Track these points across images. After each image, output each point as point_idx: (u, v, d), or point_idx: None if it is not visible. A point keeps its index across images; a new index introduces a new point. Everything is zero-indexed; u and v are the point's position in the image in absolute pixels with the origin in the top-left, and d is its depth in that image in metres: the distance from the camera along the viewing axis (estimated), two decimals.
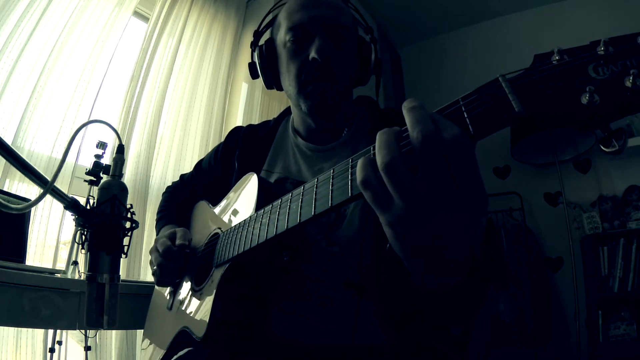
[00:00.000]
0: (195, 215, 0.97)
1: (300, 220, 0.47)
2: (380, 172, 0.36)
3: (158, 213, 1.03)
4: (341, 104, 0.80)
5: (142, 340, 0.96)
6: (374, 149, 0.39)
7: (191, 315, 0.73)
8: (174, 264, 0.79)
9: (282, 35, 0.79)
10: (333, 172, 0.45)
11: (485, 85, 0.36)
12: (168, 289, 0.92)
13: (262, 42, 0.85)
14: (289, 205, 0.50)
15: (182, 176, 1.09)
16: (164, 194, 1.08)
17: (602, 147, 0.36)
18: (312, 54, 0.72)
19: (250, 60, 0.88)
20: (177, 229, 0.84)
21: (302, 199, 0.48)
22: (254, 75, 0.87)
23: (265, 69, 0.83)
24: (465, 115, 0.36)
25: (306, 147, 0.83)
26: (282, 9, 0.82)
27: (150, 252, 0.84)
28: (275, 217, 0.53)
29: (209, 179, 0.98)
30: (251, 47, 0.87)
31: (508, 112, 0.34)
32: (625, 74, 0.32)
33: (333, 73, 0.74)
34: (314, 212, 0.45)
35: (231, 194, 0.80)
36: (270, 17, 0.88)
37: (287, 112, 0.95)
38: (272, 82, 0.84)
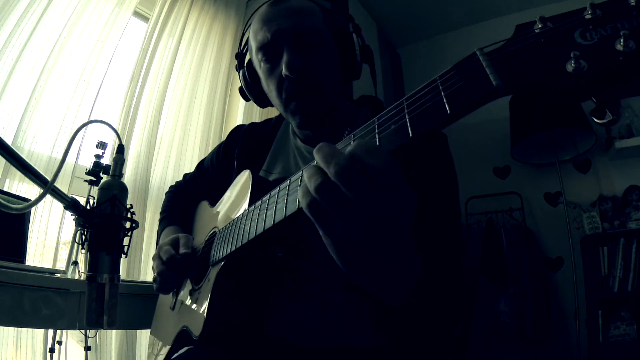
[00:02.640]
0: (197, 216, 0.97)
1: (285, 214, 0.46)
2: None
3: (161, 213, 1.03)
4: (333, 109, 0.78)
5: (150, 339, 0.96)
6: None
7: (190, 314, 0.73)
8: (176, 272, 0.79)
9: (254, 57, 0.78)
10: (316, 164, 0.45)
11: (463, 60, 0.34)
12: None
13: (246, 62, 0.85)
14: (276, 200, 0.50)
15: (185, 175, 1.09)
16: (167, 193, 1.08)
17: (595, 120, 0.33)
18: (284, 72, 0.69)
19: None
20: (180, 235, 0.82)
21: (287, 192, 0.48)
22: (245, 98, 0.87)
23: (252, 91, 0.83)
24: (443, 94, 0.34)
25: (306, 149, 0.82)
26: (250, 29, 0.80)
27: (153, 259, 0.83)
28: (264, 212, 0.53)
29: (211, 178, 0.98)
30: (236, 69, 0.87)
31: (486, 87, 0.31)
32: (615, 37, 0.28)
33: (312, 84, 0.71)
34: (298, 205, 0.44)
35: (228, 193, 0.80)
36: (245, 37, 0.86)
37: None
38: (264, 101, 0.84)
